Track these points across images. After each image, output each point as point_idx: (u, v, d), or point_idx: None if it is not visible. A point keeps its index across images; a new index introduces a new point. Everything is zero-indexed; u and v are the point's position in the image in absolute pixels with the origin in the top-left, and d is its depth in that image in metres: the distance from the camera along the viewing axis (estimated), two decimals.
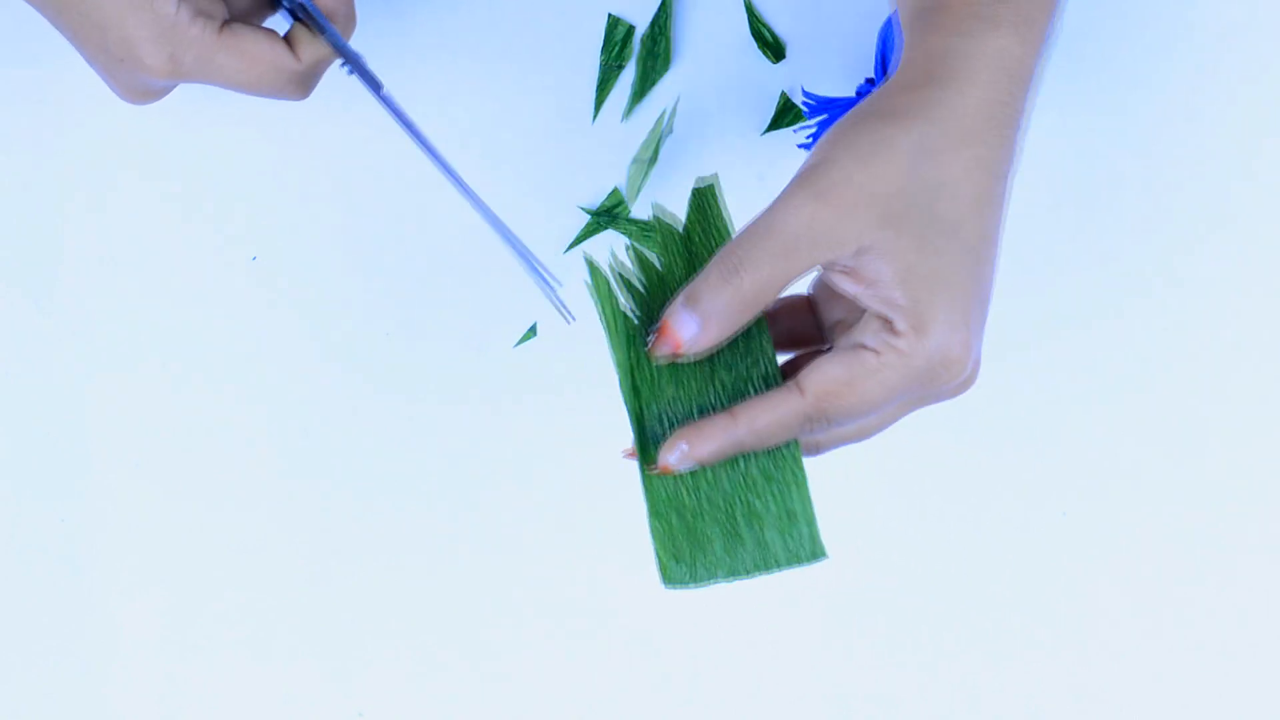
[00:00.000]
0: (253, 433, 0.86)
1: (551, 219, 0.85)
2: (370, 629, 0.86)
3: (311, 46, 0.68)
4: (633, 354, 0.66)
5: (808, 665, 0.85)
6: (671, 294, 0.65)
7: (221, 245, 0.86)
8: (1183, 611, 0.85)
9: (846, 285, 0.62)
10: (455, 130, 0.86)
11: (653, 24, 0.85)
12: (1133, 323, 0.85)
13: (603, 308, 0.65)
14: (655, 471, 0.65)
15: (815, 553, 0.67)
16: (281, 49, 0.68)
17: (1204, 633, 0.85)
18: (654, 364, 0.65)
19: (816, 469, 0.85)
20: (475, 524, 0.85)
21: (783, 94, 0.85)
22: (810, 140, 0.84)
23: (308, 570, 0.86)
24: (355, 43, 0.70)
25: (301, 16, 0.69)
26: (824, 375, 0.62)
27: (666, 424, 0.65)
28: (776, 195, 0.62)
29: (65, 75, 0.85)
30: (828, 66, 0.85)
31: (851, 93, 0.84)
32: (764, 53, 0.85)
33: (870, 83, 0.82)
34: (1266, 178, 0.85)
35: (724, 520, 0.66)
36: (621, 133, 0.85)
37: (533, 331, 0.85)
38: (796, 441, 0.66)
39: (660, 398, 0.66)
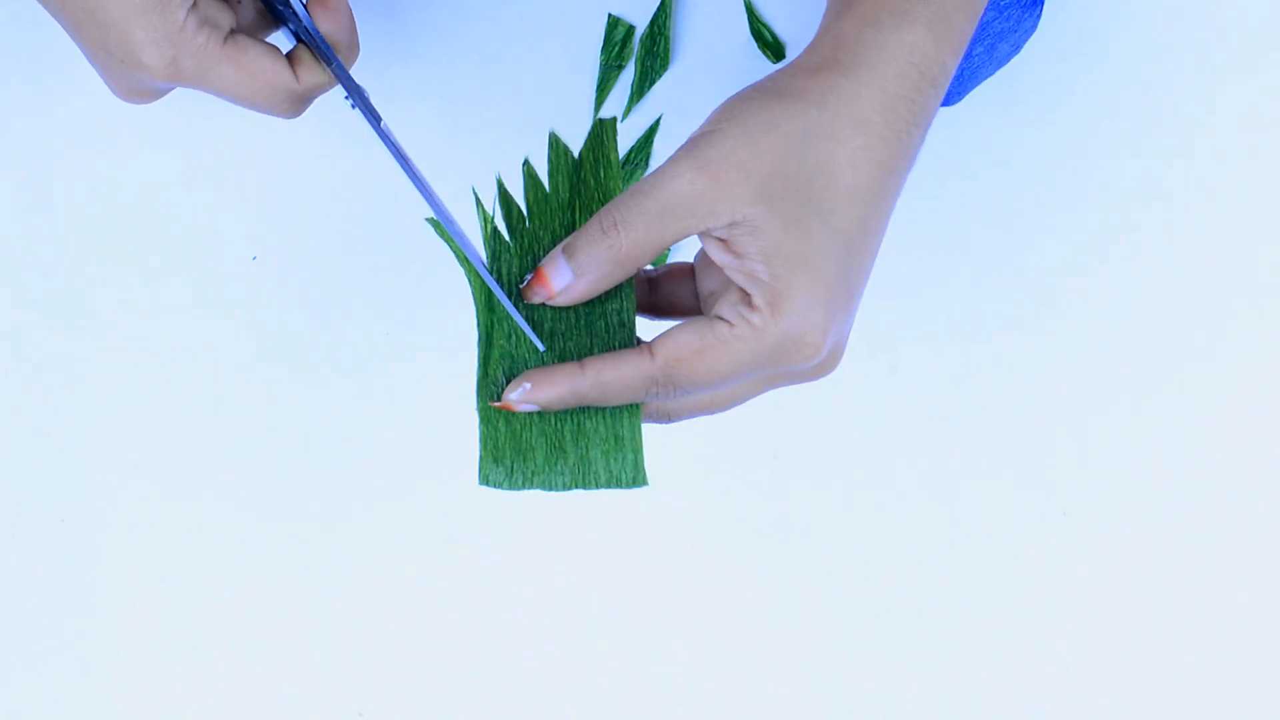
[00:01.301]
0: (253, 432, 0.86)
1: None
2: (370, 629, 0.86)
3: (312, 70, 0.69)
4: (501, 282, 0.67)
5: (808, 665, 0.85)
6: (553, 216, 0.68)
7: (221, 245, 0.86)
8: (1183, 611, 0.85)
9: (717, 254, 0.64)
10: (455, 130, 0.86)
11: (652, 24, 0.85)
12: (1133, 324, 0.85)
13: (485, 233, 0.68)
14: (496, 406, 0.66)
15: (636, 479, 0.68)
16: (282, 67, 0.68)
17: (1204, 633, 0.85)
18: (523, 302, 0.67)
19: (831, 474, 0.85)
20: (475, 524, 0.86)
21: None
22: None
23: (307, 570, 0.86)
24: (360, 61, 0.70)
25: (305, 40, 0.69)
26: (676, 341, 0.64)
27: (510, 367, 0.67)
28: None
29: (65, 74, 0.85)
30: None
31: None
32: (764, 53, 0.85)
33: None
34: (1267, 177, 0.85)
35: (551, 434, 0.67)
36: (621, 132, 0.85)
37: None
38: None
39: (512, 340, 0.67)
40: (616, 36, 0.85)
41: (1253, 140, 0.85)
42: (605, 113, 0.86)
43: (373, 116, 0.69)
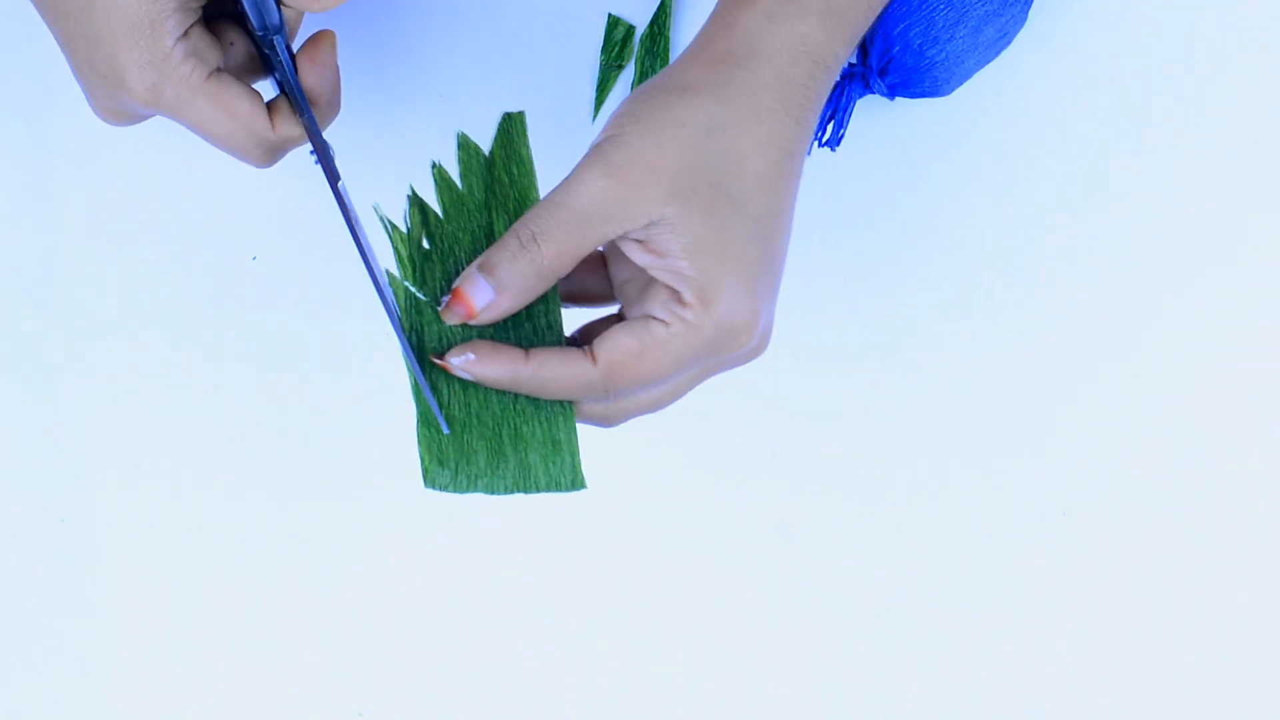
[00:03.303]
0: (253, 432, 0.86)
1: None
2: (370, 629, 0.86)
3: (289, 122, 0.69)
4: (418, 280, 0.68)
5: (808, 665, 0.85)
6: (466, 217, 0.69)
7: (221, 245, 0.86)
8: (1183, 611, 0.85)
9: (638, 256, 0.65)
10: (455, 129, 0.85)
11: (652, 24, 0.85)
12: (1133, 323, 0.85)
13: (396, 249, 0.68)
14: (435, 360, 0.67)
15: (575, 482, 0.69)
16: (260, 113, 0.68)
17: (1204, 633, 0.85)
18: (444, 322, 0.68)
19: (831, 474, 0.85)
20: (475, 523, 0.86)
21: None
22: None
23: (308, 570, 0.86)
24: (361, 60, 0.70)
25: (287, 91, 0.69)
26: (616, 345, 0.65)
27: (446, 344, 0.68)
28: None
29: (63, 74, 0.85)
30: None
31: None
32: None
33: (852, 66, 0.83)
34: (1268, 174, 0.85)
35: (490, 437, 0.68)
36: None
37: None
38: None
39: (444, 326, 0.68)
40: (616, 36, 0.85)
41: (1257, 132, 0.85)
42: (605, 113, 0.86)
43: (332, 175, 0.69)
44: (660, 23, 0.85)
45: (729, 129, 0.65)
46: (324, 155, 0.69)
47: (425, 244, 0.68)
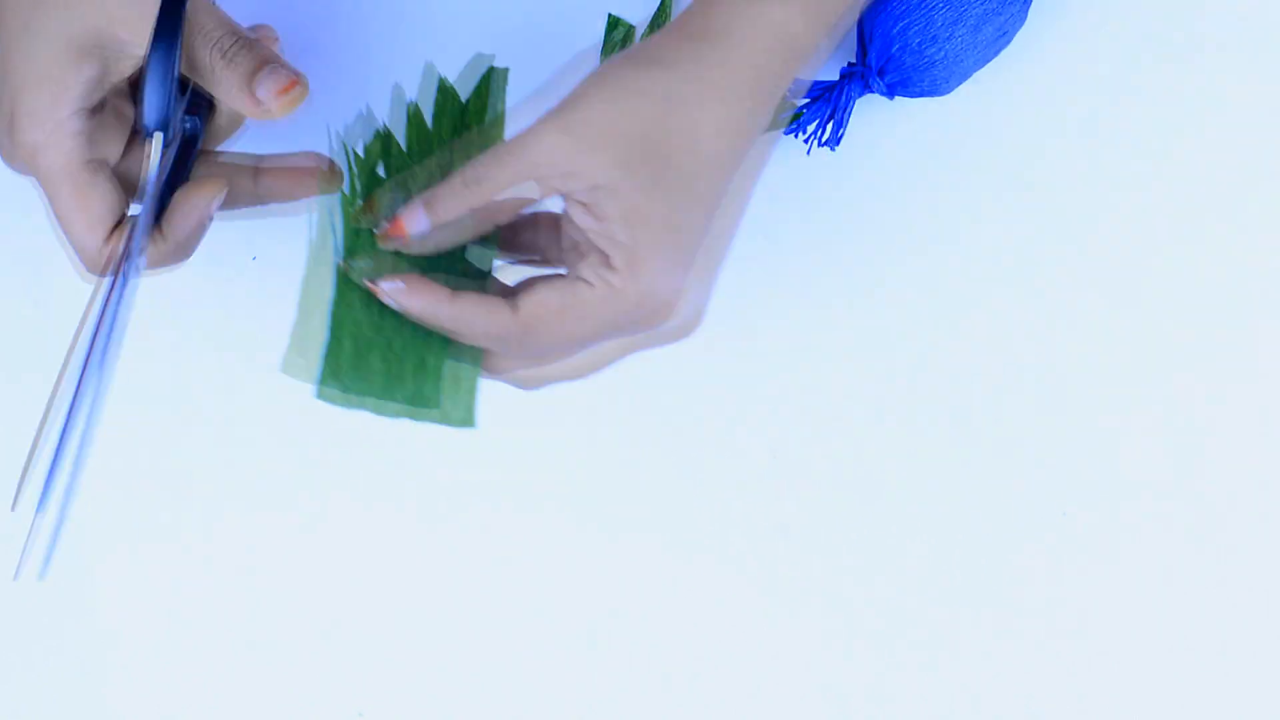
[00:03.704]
0: (252, 432, 0.86)
1: None
2: (370, 629, 0.86)
3: (115, 239, 0.68)
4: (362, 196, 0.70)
5: (808, 665, 0.85)
6: (431, 153, 0.70)
7: (221, 245, 0.86)
8: (1183, 611, 0.85)
9: (580, 218, 0.65)
10: None
11: (652, 24, 0.85)
12: (1133, 322, 0.85)
13: (351, 169, 0.70)
14: (367, 283, 0.68)
15: (466, 420, 0.70)
16: (103, 224, 0.67)
17: (1204, 633, 0.85)
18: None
19: (831, 474, 0.85)
20: (475, 523, 0.85)
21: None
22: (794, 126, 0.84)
23: (308, 570, 0.86)
24: (361, 60, 0.70)
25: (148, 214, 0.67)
26: (539, 300, 0.65)
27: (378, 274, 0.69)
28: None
29: None
30: (827, 66, 0.85)
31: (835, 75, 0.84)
32: None
33: (851, 66, 0.83)
34: (1269, 178, 0.85)
35: (394, 362, 0.69)
36: None
37: None
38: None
39: (375, 253, 0.69)
40: (616, 36, 0.85)
41: (1258, 132, 0.85)
42: None
43: (118, 278, 0.67)
44: (660, 23, 0.85)
45: (691, 105, 0.65)
46: (123, 274, 0.67)
47: (380, 171, 0.69)
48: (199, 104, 0.70)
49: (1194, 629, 0.85)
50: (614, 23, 0.85)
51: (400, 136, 0.70)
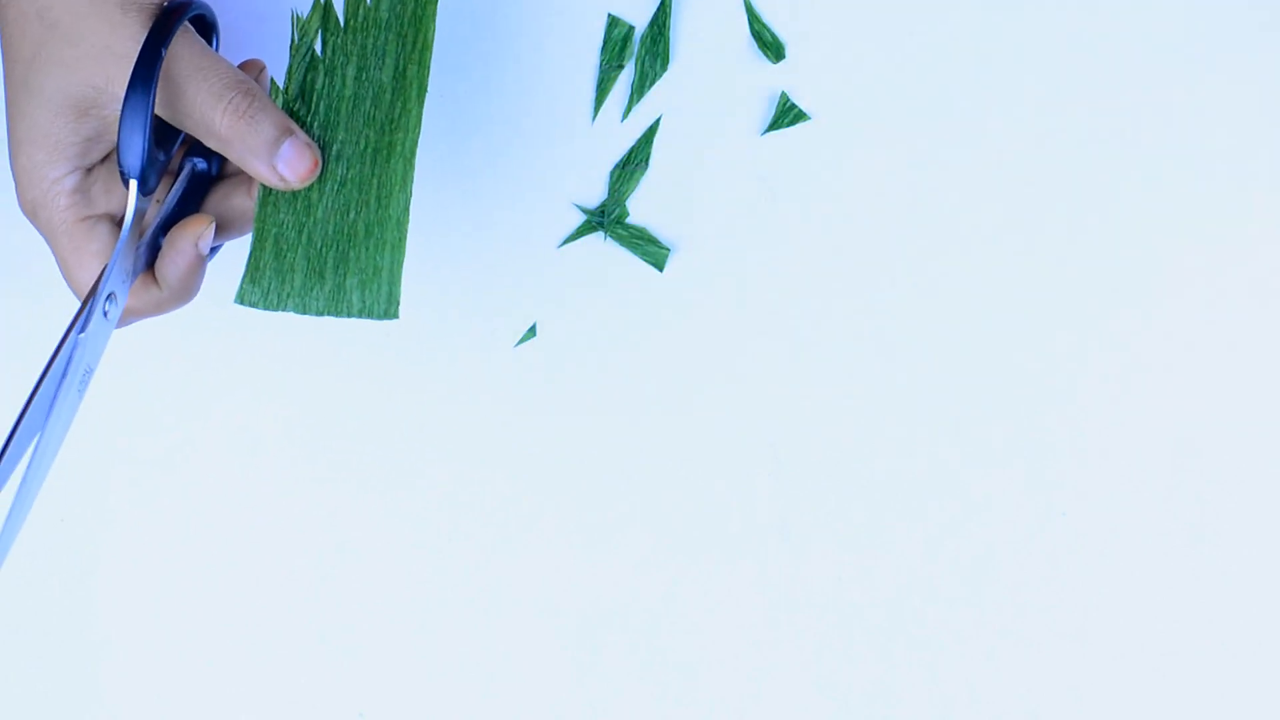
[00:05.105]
0: (252, 432, 0.86)
1: (548, 216, 0.85)
2: (370, 629, 0.86)
3: (131, 296, 0.71)
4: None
5: (808, 665, 0.85)
6: (364, 34, 0.72)
7: (221, 245, 0.86)
8: (1183, 611, 0.85)
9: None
10: (455, 128, 0.86)
11: (652, 24, 0.85)
12: (1133, 322, 0.85)
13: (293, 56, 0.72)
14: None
15: (389, 311, 0.70)
16: (92, 275, 0.68)
17: (1204, 633, 0.85)
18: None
19: (832, 473, 0.85)
20: (475, 523, 0.86)
21: (783, 94, 0.85)
22: None
23: (308, 570, 0.86)
24: None
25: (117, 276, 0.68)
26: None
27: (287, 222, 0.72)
28: None
29: None
30: (827, 66, 0.85)
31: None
32: (764, 53, 0.85)
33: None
34: (1269, 178, 0.85)
35: (314, 259, 0.70)
36: (620, 133, 0.85)
37: (532, 332, 0.85)
38: (408, 203, 0.70)
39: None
40: (616, 36, 0.85)
41: (1258, 131, 0.85)
42: (605, 113, 0.86)
43: (74, 327, 0.67)
44: (660, 23, 0.85)
45: None
46: (81, 325, 0.67)
47: (317, 50, 0.71)
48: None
49: (1194, 629, 0.85)
50: (614, 22, 0.85)
51: (339, 9, 0.72)
